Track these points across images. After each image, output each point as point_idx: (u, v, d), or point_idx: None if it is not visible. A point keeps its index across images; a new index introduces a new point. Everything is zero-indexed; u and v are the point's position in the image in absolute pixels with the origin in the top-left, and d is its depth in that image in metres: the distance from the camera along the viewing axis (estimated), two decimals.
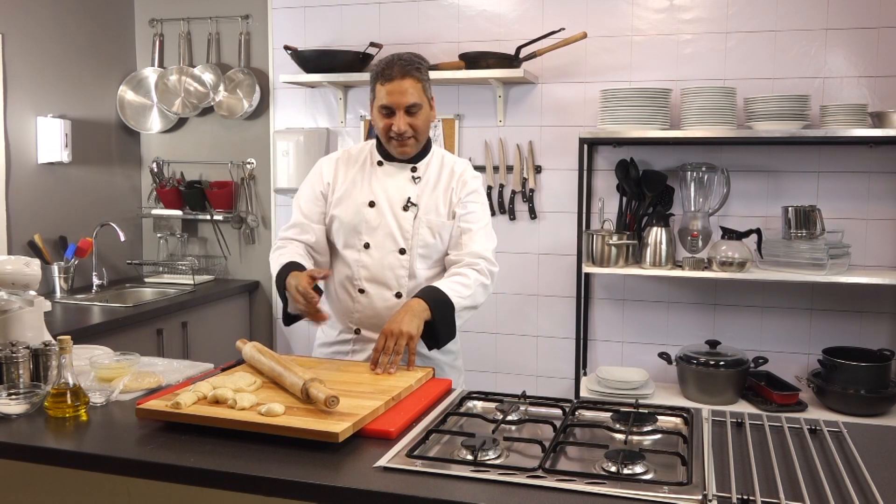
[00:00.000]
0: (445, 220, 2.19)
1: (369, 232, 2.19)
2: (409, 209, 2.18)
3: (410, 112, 2.11)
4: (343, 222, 2.22)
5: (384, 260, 2.18)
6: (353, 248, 2.22)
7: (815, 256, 2.97)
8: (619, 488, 1.32)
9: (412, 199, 2.19)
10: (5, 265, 2.00)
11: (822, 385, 2.98)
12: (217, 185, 3.93)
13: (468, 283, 2.10)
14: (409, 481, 1.36)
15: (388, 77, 2.09)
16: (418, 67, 2.12)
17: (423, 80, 2.13)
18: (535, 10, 3.45)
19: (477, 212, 2.22)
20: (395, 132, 2.11)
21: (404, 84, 2.08)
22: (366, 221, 2.19)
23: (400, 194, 2.19)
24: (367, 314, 2.21)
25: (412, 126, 2.12)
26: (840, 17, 3.12)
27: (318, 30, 3.75)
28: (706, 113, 3.02)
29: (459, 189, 2.21)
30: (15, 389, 1.76)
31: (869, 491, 1.34)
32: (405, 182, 2.21)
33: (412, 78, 2.10)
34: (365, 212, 2.19)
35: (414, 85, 2.10)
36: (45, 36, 3.53)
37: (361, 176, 2.24)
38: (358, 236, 2.20)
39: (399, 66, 2.09)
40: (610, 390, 3.11)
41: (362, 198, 2.21)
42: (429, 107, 2.17)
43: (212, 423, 1.57)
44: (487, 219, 2.26)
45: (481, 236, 2.19)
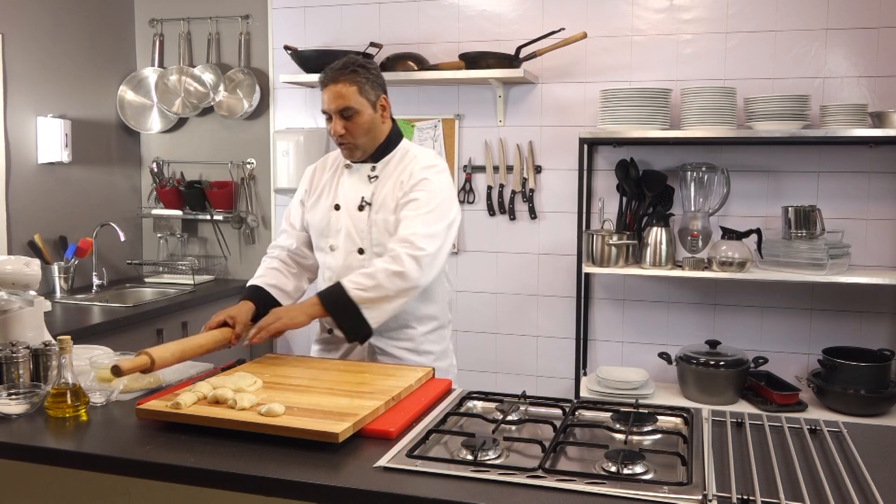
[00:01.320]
0: (392, 217, 2.17)
1: (334, 234, 2.23)
2: (364, 209, 2.19)
3: (345, 116, 2.11)
4: (314, 227, 2.28)
5: (346, 261, 2.21)
6: (321, 250, 2.27)
7: (815, 256, 2.97)
8: (619, 488, 1.32)
9: (366, 199, 2.19)
10: (5, 265, 2.00)
11: (822, 385, 2.98)
12: (217, 185, 3.93)
13: (371, 271, 2.04)
14: (409, 481, 1.36)
15: (323, 82, 2.14)
16: (354, 70, 2.10)
17: (358, 83, 2.10)
18: (535, 10, 3.45)
19: (419, 199, 2.12)
20: (332, 136, 2.15)
21: (336, 89, 2.10)
22: (331, 224, 2.23)
23: (356, 195, 2.21)
24: None
25: (348, 130, 2.12)
26: (840, 17, 3.12)
27: (318, 30, 3.75)
28: (706, 113, 3.02)
29: (407, 181, 2.16)
30: (15, 389, 1.75)
31: (869, 491, 1.34)
32: (362, 182, 2.22)
33: (344, 82, 2.09)
34: (331, 215, 2.23)
35: (346, 88, 2.09)
36: (45, 36, 3.53)
37: (332, 180, 2.28)
38: (325, 239, 2.25)
39: (331, 71, 2.11)
40: (610, 390, 3.11)
41: (329, 201, 2.25)
42: (372, 109, 2.14)
43: (212, 423, 1.57)
44: (434, 204, 2.12)
45: (417, 222, 2.09)
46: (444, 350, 2.34)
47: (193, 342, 1.92)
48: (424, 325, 2.25)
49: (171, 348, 1.81)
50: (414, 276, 2.05)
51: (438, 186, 2.17)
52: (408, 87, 3.63)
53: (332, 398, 1.70)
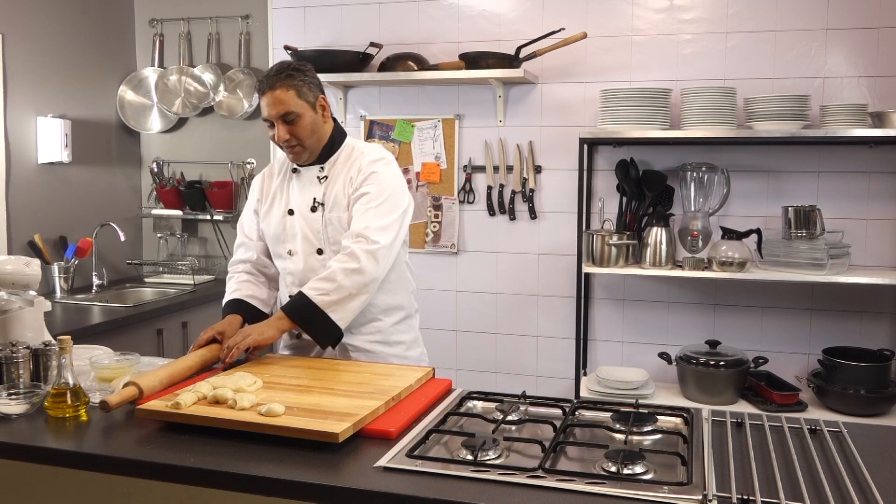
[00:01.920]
0: (345, 214, 2.18)
1: (291, 239, 2.23)
2: (317, 209, 2.20)
3: (287, 121, 2.11)
4: (269, 234, 2.28)
5: (306, 263, 2.21)
6: (280, 257, 2.28)
7: (815, 256, 2.97)
8: (619, 488, 1.32)
9: (318, 199, 2.20)
10: (5, 265, 2.00)
11: (822, 385, 2.98)
12: (217, 185, 3.93)
13: (329, 273, 2.06)
14: (409, 481, 1.36)
15: (260, 90, 2.14)
16: (289, 74, 2.11)
17: (295, 87, 2.11)
18: (535, 10, 3.45)
19: (370, 192, 2.13)
20: (277, 142, 2.15)
21: (275, 95, 2.10)
22: (287, 230, 2.23)
23: (308, 197, 2.22)
24: None
25: (293, 134, 2.13)
26: (840, 17, 3.12)
27: (318, 30, 3.75)
28: (706, 113, 3.02)
29: (356, 177, 2.17)
30: (15, 389, 1.76)
31: (869, 491, 1.34)
32: (312, 184, 2.22)
33: (282, 87, 2.10)
34: (286, 220, 2.24)
35: (284, 94, 2.10)
36: (45, 36, 3.53)
37: (282, 186, 2.28)
38: (282, 245, 2.25)
39: (269, 78, 2.12)
40: (610, 390, 3.11)
41: (283, 207, 2.25)
42: (313, 110, 2.15)
43: (212, 423, 1.57)
44: (384, 196, 2.13)
45: (369, 215, 2.11)
46: (415, 339, 2.36)
47: (182, 365, 1.90)
48: (391, 317, 2.26)
49: (159, 375, 1.79)
50: (371, 270, 2.07)
51: (387, 178, 2.18)
52: (408, 87, 3.63)
53: (332, 398, 1.70)
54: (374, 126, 3.69)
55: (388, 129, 3.66)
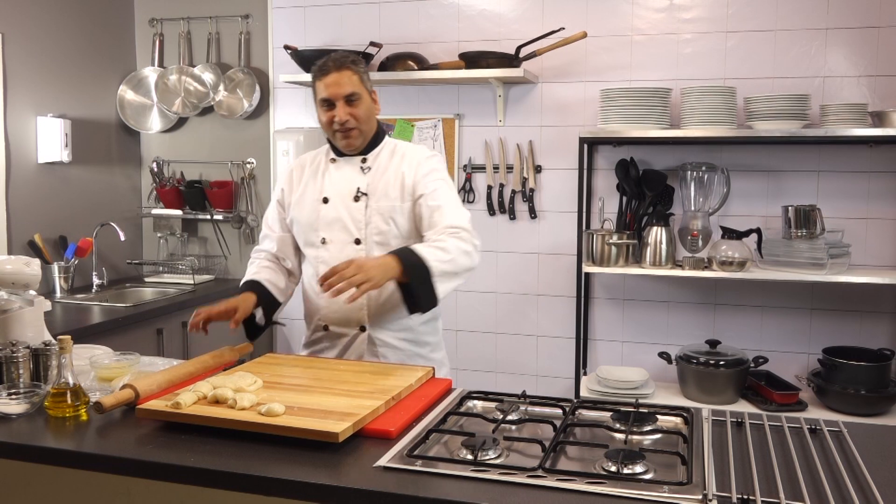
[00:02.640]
0: (397, 204, 2.18)
1: (325, 227, 2.22)
2: (360, 199, 2.20)
3: (350, 102, 2.14)
4: (301, 222, 2.27)
5: (341, 252, 2.19)
6: (312, 245, 2.26)
7: (815, 256, 2.97)
8: (619, 488, 1.32)
9: (362, 189, 2.20)
10: (5, 265, 2.00)
11: (822, 385, 2.98)
12: (217, 185, 3.93)
13: (447, 247, 2.04)
14: (409, 481, 1.36)
15: (324, 71, 2.16)
16: (353, 60, 2.18)
17: (359, 73, 2.17)
18: (535, 9, 3.45)
19: (441, 188, 2.18)
20: (337, 123, 2.15)
21: (341, 76, 2.13)
22: (321, 218, 2.23)
23: (350, 186, 2.22)
24: (331, 309, 2.23)
25: (353, 116, 2.15)
26: (840, 16, 3.12)
27: (318, 29, 3.75)
28: (706, 113, 3.02)
29: (413, 172, 2.19)
30: (15, 389, 1.75)
31: (869, 491, 1.34)
32: (355, 174, 2.23)
33: (348, 70, 2.15)
34: (320, 208, 2.23)
35: (350, 76, 2.14)
36: (45, 36, 3.53)
37: (315, 176, 2.28)
38: (315, 233, 2.24)
39: (333, 61, 2.16)
40: (610, 390, 3.11)
41: (316, 195, 2.25)
42: (370, 99, 2.20)
43: (212, 423, 1.57)
44: (455, 194, 2.24)
45: (453, 210, 2.14)
46: (438, 341, 2.37)
47: (181, 370, 1.88)
48: (420, 316, 2.24)
49: (157, 379, 1.79)
50: (476, 259, 2.10)
51: (445, 174, 2.26)
52: (408, 87, 3.63)
53: (332, 398, 1.70)
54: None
55: (388, 128, 3.66)
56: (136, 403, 1.68)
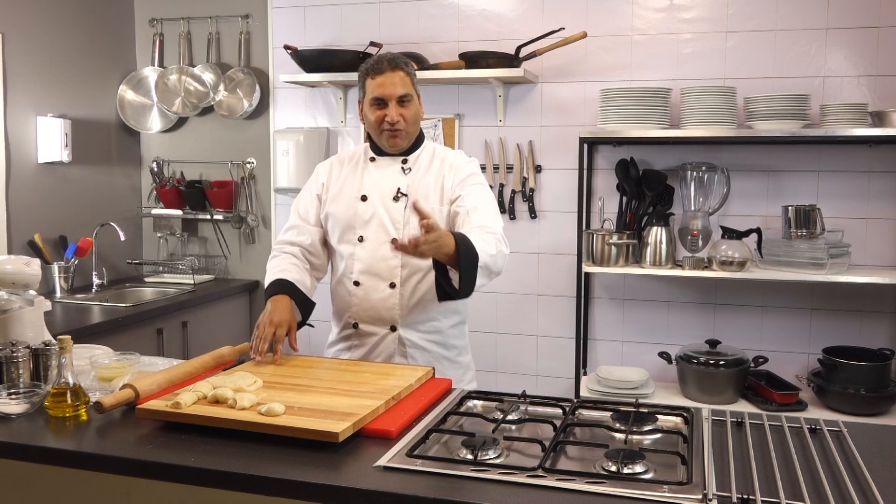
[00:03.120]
0: (437, 206, 2.19)
1: (363, 225, 2.21)
2: (400, 199, 2.20)
3: (402, 103, 2.15)
4: (337, 218, 2.25)
5: (377, 251, 2.19)
6: (348, 242, 2.24)
7: (815, 256, 2.97)
8: (619, 488, 1.32)
9: (402, 190, 2.20)
10: (5, 265, 2.00)
11: (822, 384, 2.98)
12: (217, 185, 3.93)
13: (491, 241, 2.02)
14: (409, 481, 1.36)
15: (378, 70, 2.14)
16: (406, 62, 2.19)
17: (411, 75, 2.19)
18: (535, 9, 3.45)
19: (477, 192, 2.19)
20: (388, 123, 2.15)
21: (395, 76, 2.14)
22: (358, 215, 2.22)
23: (390, 186, 2.22)
24: (363, 307, 2.22)
25: (403, 117, 2.15)
26: (840, 16, 3.12)
27: (318, 29, 3.75)
28: (706, 113, 3.02)
29: (452, 175, 2.21)
30: (15, 389, 1.76)
31: (869, 490, 1.34)
32: (395, 174, 2.23)
33: (402, 71, 2.16)
34: (357, 206, 2.22)
35: (403, 77, 2.15)
36: (45, 36, 3.53)
37: (354, 173, 2.28)
38: (352, 230, 2.23)
39: (388, 60, 2.16)
40: (610, 390, 3.11)
41: (354, 193, 2.24)
42: (418, 102, 2.21)
43: (212, 422, 1.57)
44: (492, 199, 2.24)
45: (489, 213, 2.14)
46: (465, 345, 2.37)
47: (181, 370, 1.88)
48: (449, 319, 2.26)
49: (157, 379, 1.79)
50: (503, 266, 2.07)
51: (484, 180, 2.29)
52: None
53: (333, 398, 1.70)
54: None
55: None
56: (136, 403, 1.68)
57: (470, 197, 2.18)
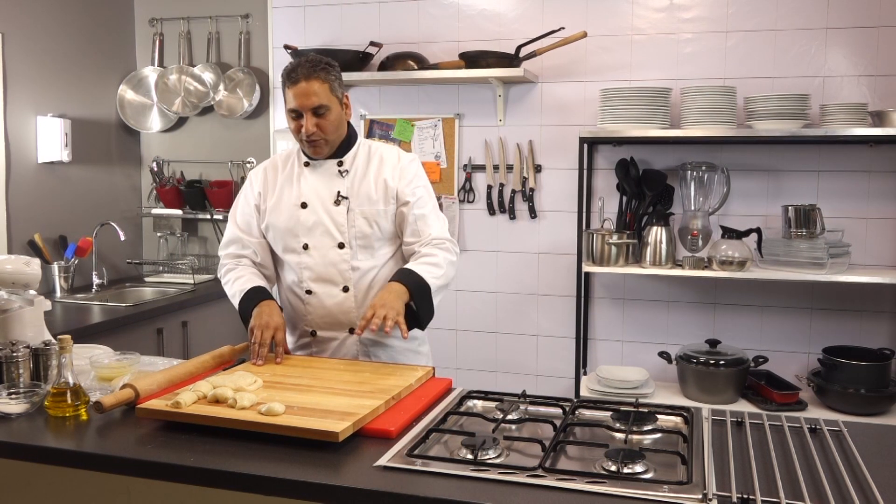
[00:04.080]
0: (381, 208, 2.19)
1: (306, 233, 2.19)
2: (341, 203, 2.18)
3: (317, 114, 2.10)
4: (278, 228, 2.23)
5: (325, 257, 2.19)
6: (292, 251, 2.22)
7: (815, 256, 2.97)
8: (619, 487, 1.32)
9: (342, 193, 2.19)
10: (5, 264, 2.00)
11: (822, 384, 2.98)
12: (217, 185, 3.93)
13: (438, 261, 2.14)
14: (409, 481, 1.36)
15: (293, 80, 2.09)
16: (324, 68, 2.11)
17: (329, 81, 2.11)
18: (535, 9, 3.45)
19: (424, 196, 2.24)
20: (303, 135, 2.12)
21: (310, 86, 2.08)
22: (301, 223, 2.20)
23: (329, 190, 2.20)
24: (319, 314, 2.22)
25: (320, 127, 2.11)
26: (840, 16, 3.12)
27: (318, 29, 3.75)
28: (706, 112, 3.02)
29: (398, 177, 2.20)
30: (15, 389, 1.76)
31: (869, 490, 1.35)
32: (333, 177, 2.21)
33: (317, 80, 2.08)
34: (299, 213, 2.20)
35: (320, 86, 2.08)
36: (45, 36, 3.53)
37: (290, 180, 2.25)
38: (295, 239, 2.21)
39: (303, 69, 2.09)
40: (610, 389, 3.11)
41: (293, 200, 2.21)
42: (340, 105, 2.16)
43: (212, 422, 1.57)
44: (433, 199, 2.29)
45: (433, 218, 2.23)
46: (424, 336, 2.37)
47: (181, 370, 1.88)
48: None
49: (157, 379, 1.79)
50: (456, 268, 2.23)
51: (425, 178, 2.30)
52: (408, 87, 3.63)
53: (332, 397, 1.70)
54: (374, 125, 3.69)
55: (388, 128, 3.66)
56: (136, 403, 1.68)
57: (418, 203, 2.20)
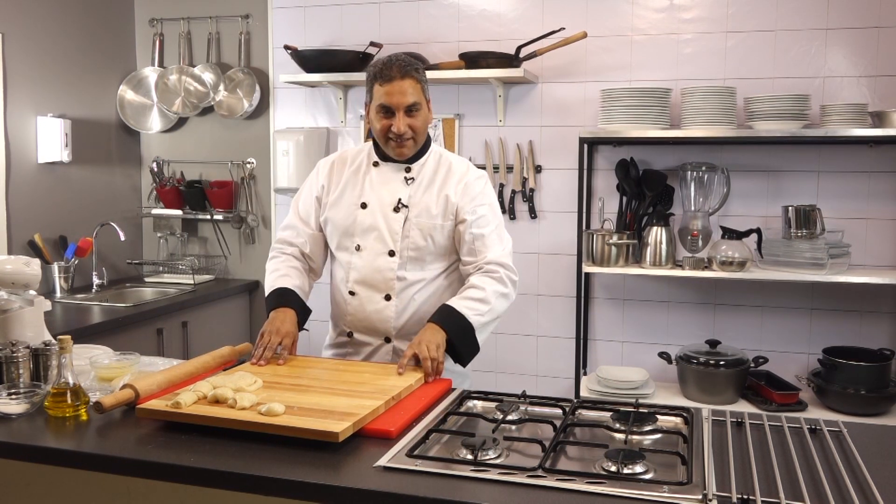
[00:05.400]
0: (438, 222, 2.14)
1: (361, 234, 2.16)
2: (400, 210, 2.14)
3: (410, 113, 2.07)
4: (336, 224, 2.20)
5: (374, 262, 2.15)
6: (345, 250, 2.20)
7: (815, 256, 2.97)
8: (619, 488, 1.32)
9: (403, 201, 2.15)
10: (5, 265, 2.00)
11: (822, 385, 2.98)
12: (217, 185, 3.93)
13: (484, 296, 2.05)
14: (410, 481, 1.36)
15: (387, 77, 2.05)
16: (417, 68, 2.10)
17: (421, 81, 2.10)
18: (535, 9, 3.45)
19: (487, 215, 2.16)
20: (394, 133, 2.08)
21: (404, 84, 2.05)
22: (357, 223, 2.16)
23: (392, 195, 2.16)
24: (357, 317, 2.20)
25: (411, 127, 2.08)
26: (840, 17, 3.12)
27: (318, 29, 3.75)
28: (706, 113, 3.02)
29: (461, 193, 2.14)
30: (15, 389, 1.76)
31: (869, 491, 1.35)
32: (398, 183, 2.17)
33: (412, 78, 2.07)
34: (357, 213, 2.17)
35: (413, 85, 2.07)
36: (45, 36, 3.53)
37: (356, 177, 2.21)
38: (350, 238, 2.18)
39: (398, 67, 2.06)
40: (610, 390, 3.11)
41: (355, 199, 2.19)
42: (427, 108, 2.14)
43: (212, 422, 1.57)
44: (499, 219, 2.21)
45: (494, 240, 2.14)
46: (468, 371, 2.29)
47: (181, 370, 1.88)
48: None
49: (157, 379, 1.79)
50: (512, 299, 2.14)
51: (494, 198, 2.24)
52: None
53: (332, 398, 1.70)
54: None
55: None
56: (136, 403, 1.68)
57: (478, 222, 2.14)
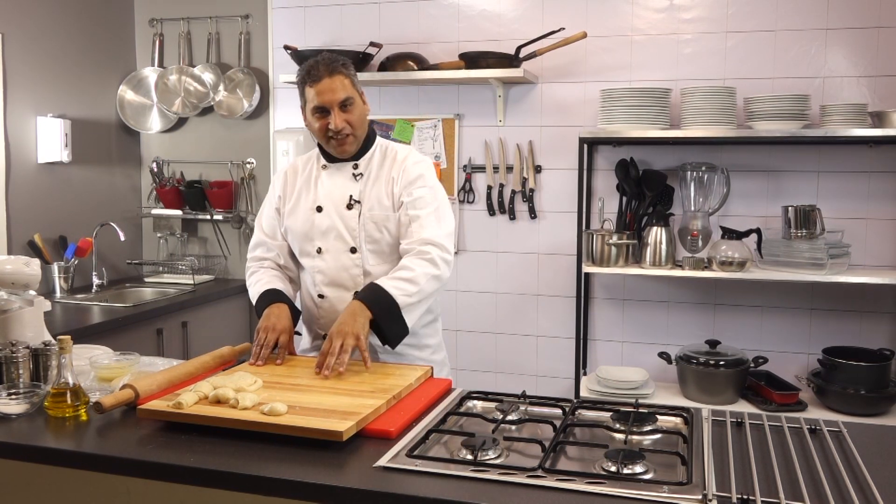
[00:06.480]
0: (390, 213, 2.16)
1: (320, 236, 2.19)
2: (353, 207, 2.17)
3: (344, 108, 2.10)
4: (296, 231, 2.23)
5: (338, 262, 2.18)
6: (308, 255, 2.23)
7: (815, 256, 2.97)
8: (619, 488, 1.32)
9: (354, 197, 2.18)
10: (5, 265, 2.00)
11: (822, 385, 2.98)
12: (217, 185, 3.93)
13: (413, 276, 2.04)
14: (410, 481, 1.37)
15: (315, 77, 2.08)
16: (344, 63, 2.12)
17: (350, 76, 2.13)
18: (534, 9, 3.45)
19: (424, 196, 2.16)
20: (332, 131, 2.10)
21: (334, 82, 2.08)
22: (315, 226, 2.19)
23: (343, 194, 2.19)
24: (330, 318, 2.20)
25: (348, 122, 2.11)
26: (840, 17, 3.12)
27: (317, 29, 3.75)
28: (706, 113, 3.02)
29: (400, 177, 2.17)
30: (15, 389, 1.76)
31: (869, 491, 1.34)
32: (347, 181, 2.20)
33: (340, 74, 2.09)
34: (314, 217, 2.20)
35: (343, 81, 2.09)
36: (45, 36, 3.53)
37: (308, 183, 2.24)
38: (311, 242, 2.21)
39: (325, 65, 2.09)
40: (610, 390, 3.11)
41: (310, 204, 2.21)
42: (361, 101, 2.16)
43: (214, 422, 1.57)
44: (438, 202, 2.19)
45: (431, 221, 2.14)
46: (439, 343, 2.36)
47: (181, 370, 1.88)
48: (422, 319, 2.23)
49: (157, 379, 1.79)
50: (445, 278, 2.13)
51: (436, 181, 2.23)
52: (408, 87, 3.63)
53: (333, 397, 1.70)
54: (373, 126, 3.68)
55: (387, 128, 3.66)
56: (136, 403, 1.68)
57: (414, 203, 2.14)
